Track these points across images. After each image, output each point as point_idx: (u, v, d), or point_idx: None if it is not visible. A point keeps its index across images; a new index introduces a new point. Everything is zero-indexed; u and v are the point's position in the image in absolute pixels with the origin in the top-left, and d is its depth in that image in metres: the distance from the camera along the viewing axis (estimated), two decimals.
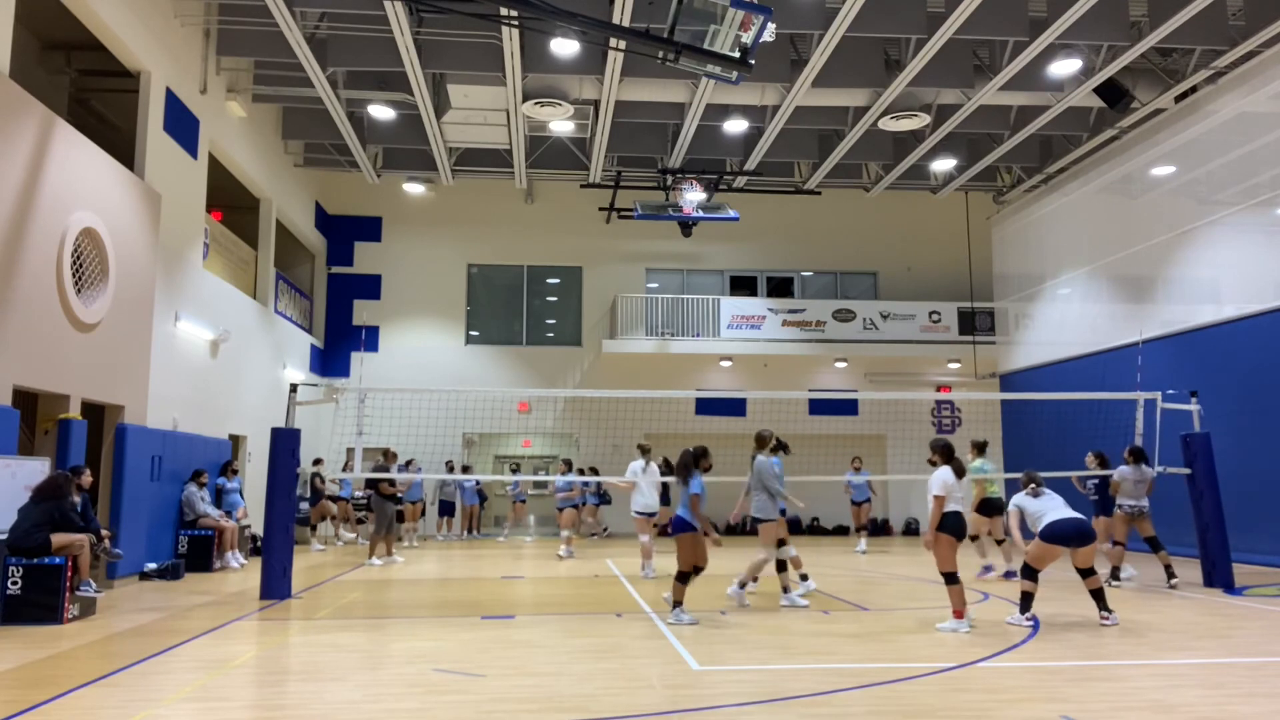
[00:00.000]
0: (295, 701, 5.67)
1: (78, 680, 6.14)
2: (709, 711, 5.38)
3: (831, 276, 23.41)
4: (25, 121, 9.51)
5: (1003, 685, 5.96)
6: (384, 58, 14.78)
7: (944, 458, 8.25)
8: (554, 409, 21.85)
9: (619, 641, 7.61)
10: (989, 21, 13.90)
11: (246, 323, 16.56)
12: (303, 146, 19.63)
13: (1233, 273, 14.82)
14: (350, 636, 7.83)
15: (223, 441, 15.00)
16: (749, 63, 7.88)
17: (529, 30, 13.77)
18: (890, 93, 15.69)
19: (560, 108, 16.17)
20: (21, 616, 8.43)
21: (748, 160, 19.26)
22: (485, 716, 5.28)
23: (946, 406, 22.57)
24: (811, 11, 13.69)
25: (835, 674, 6.33)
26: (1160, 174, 16.60)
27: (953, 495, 8.10)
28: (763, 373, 21.99)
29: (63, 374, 10.16)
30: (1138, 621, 8.55)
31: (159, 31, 12.79)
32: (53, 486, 8.90)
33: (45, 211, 9.81)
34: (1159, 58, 15.95)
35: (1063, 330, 19.22)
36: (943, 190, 21.99)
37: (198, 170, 14.36)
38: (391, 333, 21.84)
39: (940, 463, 8.24)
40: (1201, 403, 11.99)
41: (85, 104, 14.78)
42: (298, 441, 10.52)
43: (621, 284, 22.24)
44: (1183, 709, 5.39)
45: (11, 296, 9.21)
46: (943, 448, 8.39)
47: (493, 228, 22.38)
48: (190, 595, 10.52)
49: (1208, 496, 11.39)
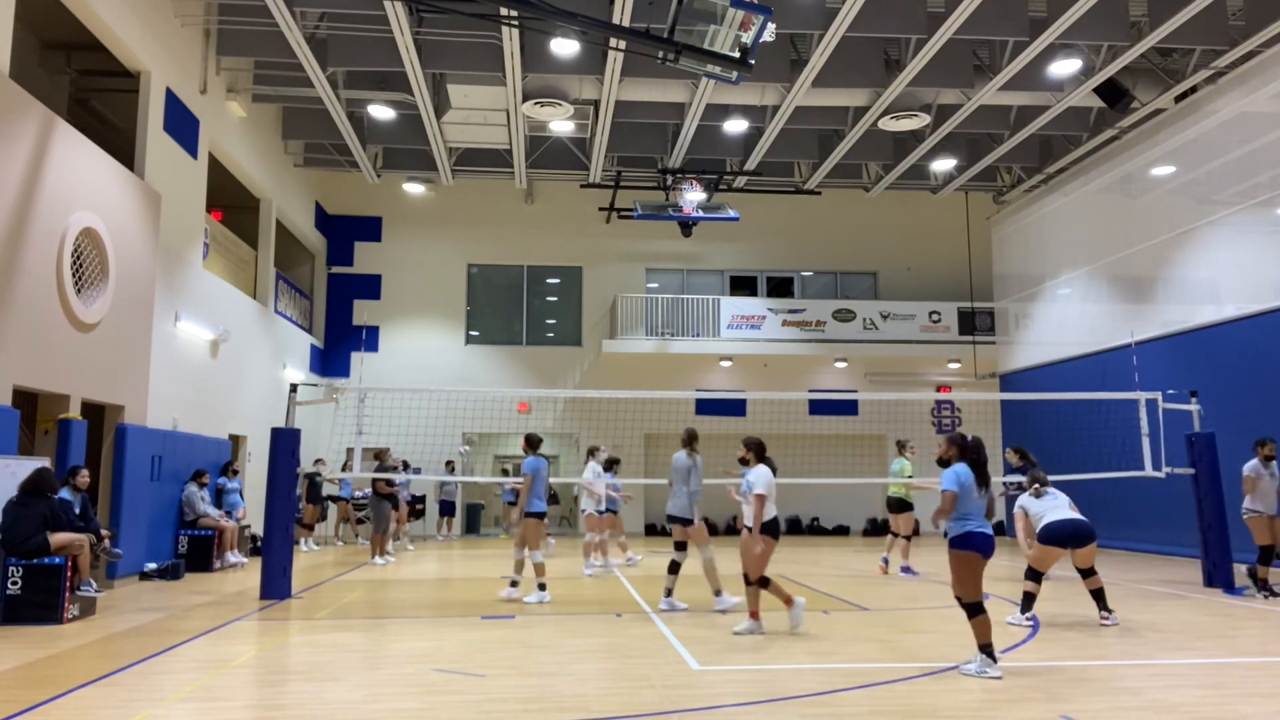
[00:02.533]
0: (295, 701, 5.67)
1: (78, 680, 6.14)
2: (709, 711, 5.38)
3: (831, 276, 23.41)
4: (25, 121, 9.51)
5: (1003, 685, 5.95)
6: (384, 58, 14.78)
7: (758, 455, 7.98)
8: (554, 409, 21.85)
9: (619, 641, 7.60)
10: (989, 21, 13.90)
11: (246, 323, 16.56)
12: (303, 146, 19.63)
13: (1232, 273, 14.81)
14: (350, 636, 7.83)
15: (223, 441, 15.00)
16: (749, 63, 7.87)
17: (529, 30, 13.76)
18: (890, 93, 15.69)
19: (560, 108, 16.17)
20: (21, 616, 8.43)
21: (748, 160, 19.26)
22: (485, 716, 5.28)
23: (946, 406, 22.58)
24: (811, 11, 13.69)
25: (835, 674, 6.33)
26: (1160, 174, 16.60)
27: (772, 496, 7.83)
28: (763, 373, 21.99)
29: (63, 374, 10.16)
30: (1138, 621, 8.55)
31: (159, 31, 12.79)
32: (39, 482, 8.78)
33: (45, 211, 9.81)
34: (1159, 58, 15.95)
35: (1063, 330, 19.22)
36: (943, 190, 21.99)
37: (198, 170, 14.36)
38: (391, 333, 21.85)
39: (755, 461, 7.96)
40: (1201, 403, 11.99)
41: (85, 104, 14.78)
42: (298, 441, 10.53)
43: (621, 284, 22.24)
44: (1183, 709, 5.39)
45: (11, 296, 9.21)
46: (756, 445, 8.03)
47: (493, 228, 22.39)
48: (190, 595, 10.51)
49: (1210, 496, 11.39)
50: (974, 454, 6.43)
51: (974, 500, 6.35)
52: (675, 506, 9.28)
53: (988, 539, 6.33)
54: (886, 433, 22.30)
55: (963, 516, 6.34)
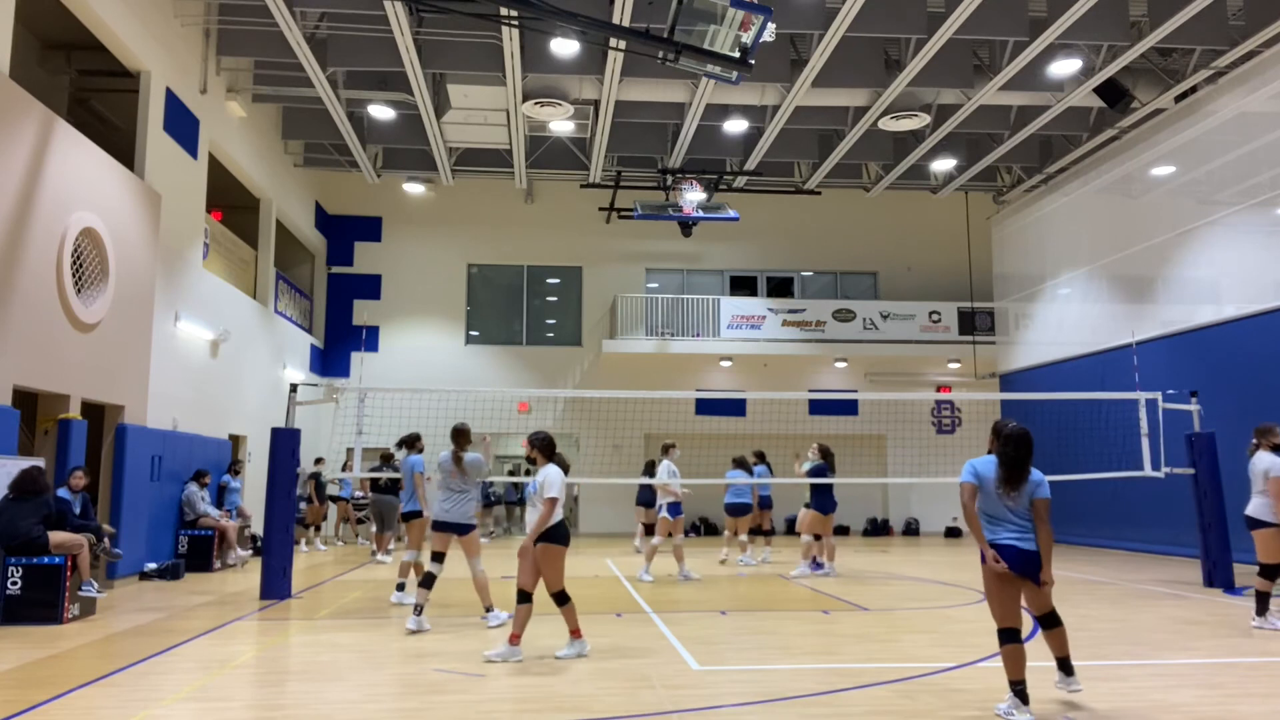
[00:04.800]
0: (295, 701, 5.67)
1: (78, 680, 6.14)
2: (709, 711, 5.38)
3: (831, 276, 23.41)
4: (25, 121, 9.51)
5: (1003, 685, 5.93)
6: (384, 58, 14.79)
7: (546, 455, 7.12)
8: (554, 409, 21.84)
9: (619, 641, 7.60)
10: (989, 21, 13.90)
11: (246, 323, 16.56)
12: (303, 146, 19.63)
13: (1233, 273, 14.81)
14: (350, 636, 7.83)
15: (223, 441, 15.01)
16: (749, 63, 7.87)
17: (529, 30, 13.77)
18: (890, 93, 15.69)
19: (560, 108, 16.17)
20: (21, 616, 8.43)
21: (748, 160, 19.26)
22: (485, 716, 5.28)
23: (946, 406, 22.58)
24: (811, 11, 13.69)
25: (835, 674, 6.33)
26: (1160, 174, 16.60)
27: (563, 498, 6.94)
28: (763, 373, 21.99)
29: (63, 374, 10.16)
30: (1138, 621, 8.55)
31: (159, 31, 12.79)
32: (31, 480, 8.73)
33: (45, 211, 9.81)
34: (1159, 58, 15.94)
35: (1063, 330, 19.22)
36: (943, 190, 21.99)
37: (198, 170, 14.36)
38: (391, 333, 21.84)
39: (543, 461, 7.11)
40: (1201, 403, 11.99)
41: (85, 104, 14.78)
42: (298, 441, 10.53)
43: (621, 284, 22.24)
44: (1183, 709, 5.39)
45: (11, 296, 9.21)
46: (543, 442, 7.16)
47: (493, 228, 22.39)
48: (190, 595, 10.51)
49: (1211, 496, 11.39)
50: (1000, 445, 5.41)
51: (994, 501, 5.37)
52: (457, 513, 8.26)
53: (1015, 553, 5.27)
54: (887, 433, 22.33)
55: (988, 520, 5.43)
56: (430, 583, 8.10)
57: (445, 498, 8.29)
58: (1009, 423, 5.49)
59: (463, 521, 8.24)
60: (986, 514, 5.41)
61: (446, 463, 8.34)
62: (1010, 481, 5.33)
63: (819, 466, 12.58)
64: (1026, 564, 5.27)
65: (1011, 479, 5.33)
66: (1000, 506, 5.36)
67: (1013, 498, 5.34)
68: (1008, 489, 5.33)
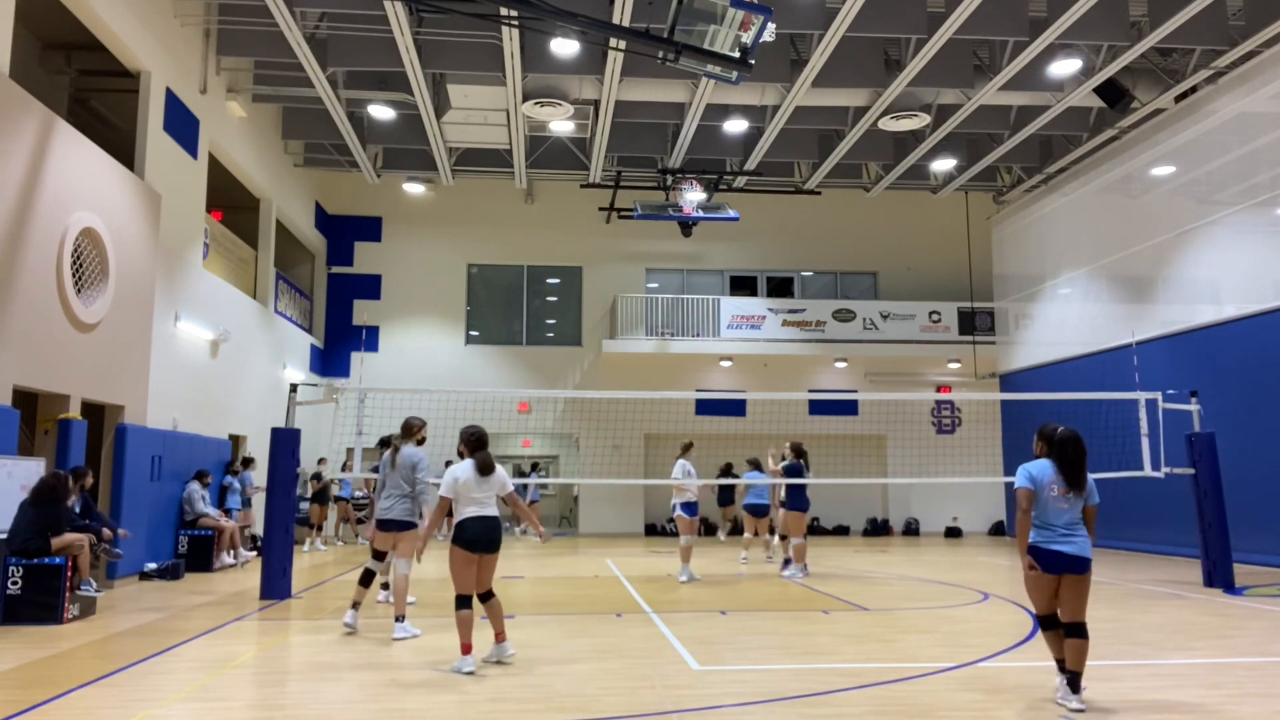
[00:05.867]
0: (295, 701, 5.67)
1: (78, 680, 6.14)
2: (709, 711, 5.38)
3: (831, 276, 23.41)
4: (25, 121, 9.51)
5: (1003, 685, 5.95)
6: (384, 58, 14.78)
7: (470, 449, 6.71)
8: (554, 409, 21.84)
9: (619, 641, 7.61)
10: (989, 21, 13.90)
11: (246, 323, 16.56)
12: (303, 146, 19.63)
13: (1233, 273, 14.82)
14: (350, 637, 7.83)
15: (223, 441, 15.00)
16: (749, 63, 7.87)
17: (529, 30, 13.76)
18: (890, 93, 15.69)
19: (560, 108, 16.17)
20: (21, 616, 8.43)
21: (748, 160, 19.26)
22: (485, 716, 5.28)
23: (946, 406, 22.58)
24: (811, 11, 13.69)
25: (835, 674, 6.33)
26: (1160, 174, 16.60)
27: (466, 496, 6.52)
28: (763, 373, 21.99)
29: (63, 374, 10.16)
30: (1138, 621, 8.55)
31: (159, 31, 12.79)
32: (49, 490, 8.82)
33: (45, 211, 9.81)
34: (1159, 58, 15.94)
35: (1063, 330, 19.22)
36: (943, 190, 21.99)
37: (198, 170, 14.36)
38: (391, 333, 21.84)
39: (466, 454, 6.72)
40: (1201, 403, 11.99)
41: (85, 104, 14.78)
42: (298, 441, 10.53)
43: (621, 284, 22.24)
44: (1183, 709, 5.39)
45: (11, 296, 9.20)
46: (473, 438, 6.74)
47: (493, 228, 22.39)
48: (190, 595, 10.51)
49: (1211, 496, 11.39)
50: (1059, 450, 5.51)
51: (1051, 506, 5.46)
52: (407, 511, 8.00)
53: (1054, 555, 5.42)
54: (887, 433, 22.32)
55: (1039, 524, 5.53)
56: (368, 580, 8.09)
57: (385, 495, 8.09)
58: (1058, 427, 5.62)
59: (401, 519, 7.97)
60: (1039, 520, 5.52)
61: (385, 461, 8.20)
62: (1074, 484, 5.46)
63: (794, 465, 12.58)
64: (1069, 564, 5.44)
65: (1076, 481, 5.46)
66: (1051, 511, 5.48)
67: (1071, 500, 5.46)
68: (1074, 491, 5.46)
